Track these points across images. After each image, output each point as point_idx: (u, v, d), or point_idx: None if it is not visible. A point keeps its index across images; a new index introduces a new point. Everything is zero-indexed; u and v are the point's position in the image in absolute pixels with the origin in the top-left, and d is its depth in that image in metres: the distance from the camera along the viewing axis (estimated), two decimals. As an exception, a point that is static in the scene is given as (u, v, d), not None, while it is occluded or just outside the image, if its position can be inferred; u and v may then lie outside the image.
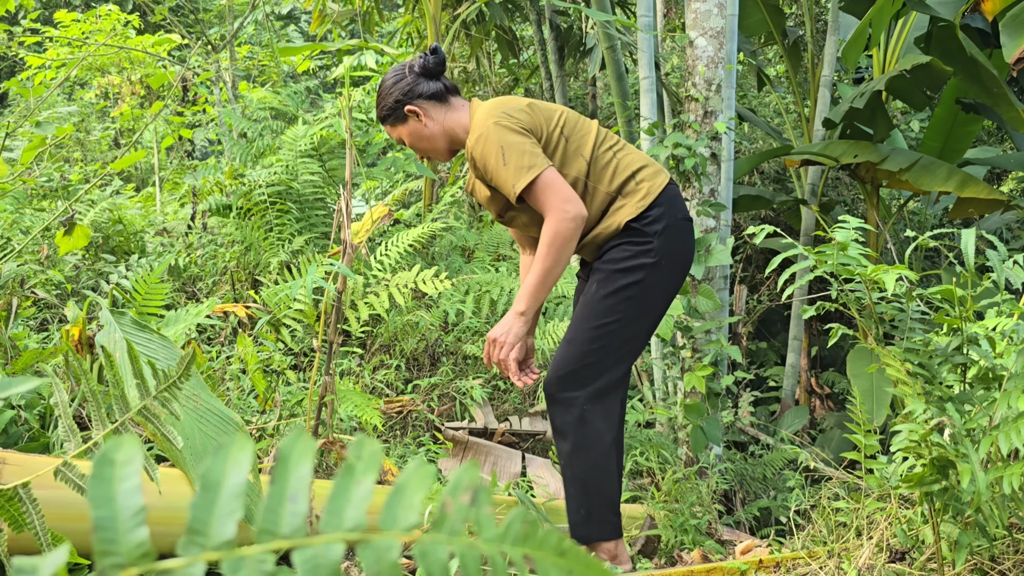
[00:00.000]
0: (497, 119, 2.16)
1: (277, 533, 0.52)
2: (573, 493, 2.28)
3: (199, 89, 6.36)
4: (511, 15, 5.97)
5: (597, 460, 2.23)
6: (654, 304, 2.26)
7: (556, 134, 2.23)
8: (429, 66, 2.27)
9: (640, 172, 2.25)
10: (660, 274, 2.22)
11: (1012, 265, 1.86)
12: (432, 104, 2.27)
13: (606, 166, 2.25)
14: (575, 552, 0.54)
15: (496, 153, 2.13)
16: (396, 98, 2.26)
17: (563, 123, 2.26)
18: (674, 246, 2.24)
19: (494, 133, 2.14)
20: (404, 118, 2.28)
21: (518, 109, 2.19)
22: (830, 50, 5.31)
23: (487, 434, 3.74)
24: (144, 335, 2.23)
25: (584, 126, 2.29)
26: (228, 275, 4.59)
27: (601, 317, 2.21)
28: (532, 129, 2.18)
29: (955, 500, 1.74)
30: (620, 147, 2.31)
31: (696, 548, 2.50)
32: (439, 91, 2.28)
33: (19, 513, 1.46)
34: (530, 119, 2.19)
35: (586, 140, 2.26)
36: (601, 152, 2.27)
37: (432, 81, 2.28)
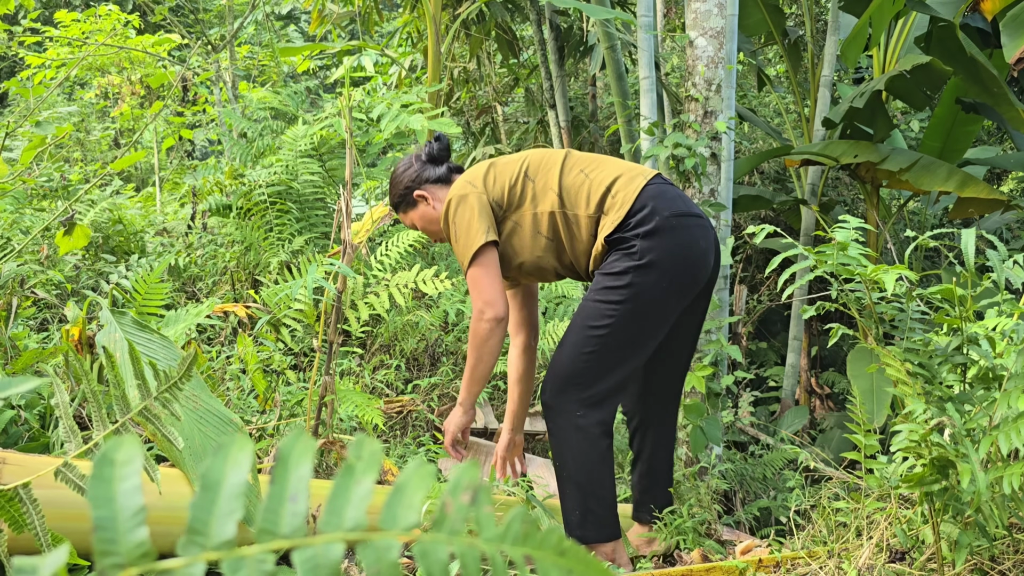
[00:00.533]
0: (458, 191, 2.29)
1: (277, 533, 0.52)
2: (568, 494, 2.29)
3: (199, 89, 6.37)
4: (511, 15, 5.97)
5: (593, 464, 2.24)
6: (650, 307, 2.21)
7: (520, 182, 2.31)
8: (434, 153, 2.43)
9: (614, 184, 2.26)
10: (652, 276, 2.18)
11: (1012, 265, 1.86)
12: (438, 187, 2.41)
13: (579, 190, 2.27)
14: (575, 552, 0.54)
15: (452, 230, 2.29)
16: (406, 185, 2.42)
17: (526, 167, 2.33)
18: (665, 245, 2.19)
19: (452, 207, 2.28)
20: (414, 203, 2.43)
21: (477, 177, 2.31)
22: (830, 50, 5.31)
23: (487, 434, 3.74)
24: (144, 335, 2.23)
25: (549, 160, 2.34)
26: (228, 275, 4.59)
27: (592, 320, 2.22)
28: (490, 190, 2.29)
29: (955, 500, 1.74)
30: (593, 167, 2.32)
31: (696, 548, 2.50)
32: (444, 175, 2.42)
33: (19, 513, 1.46)
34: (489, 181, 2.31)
35: (551, 173, 2.30)
36: (571, 179, 2.29)
37: (438, 167, 2.43)
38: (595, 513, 2.27)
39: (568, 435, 2.24)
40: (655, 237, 2.18)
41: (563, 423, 2.24)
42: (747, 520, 3.36)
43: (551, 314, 4.41)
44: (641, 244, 2.18)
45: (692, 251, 2.24)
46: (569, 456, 2.25)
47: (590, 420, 2.22)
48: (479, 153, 6.29)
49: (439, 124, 4.17)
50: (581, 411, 2.22)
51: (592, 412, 2.22)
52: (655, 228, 2.18)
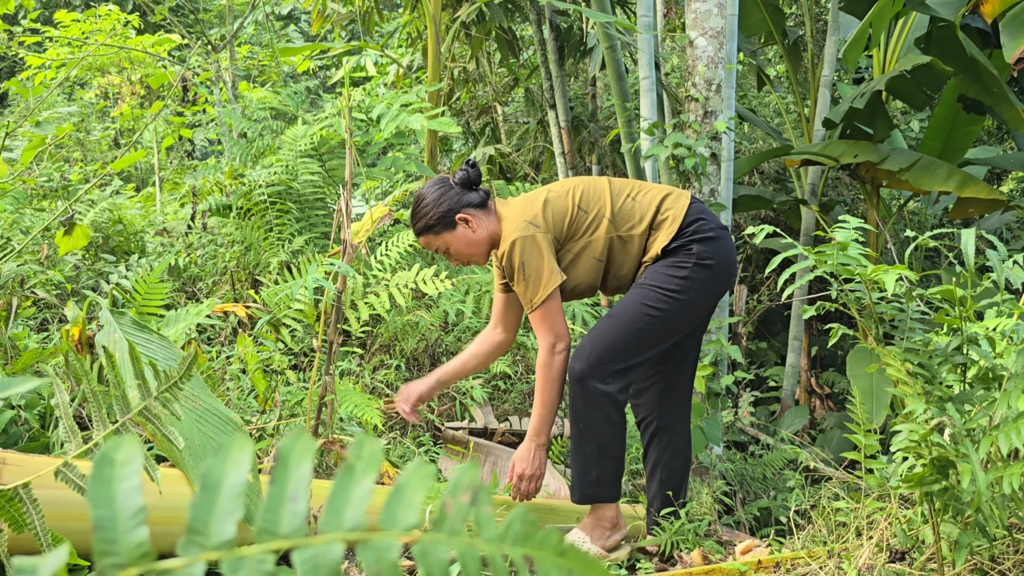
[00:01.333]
0: (521, 231, 2.39)
1: (277, 533, 0.52)
2: (588, 455, 2.43)
3: (199, 89, 6.37)
4: (511, 15, 5.97)
5: (615, 428, 2.41)
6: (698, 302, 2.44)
7: (576, 214, 2.45)
8: (470, 178, 2.48)
9: (663, 203, 2.47)
10: (706, 274, 2.42)
11: (1012, 265, 1.86)
12: (479, 211, 2.47)
13: (631, 213, 2.47)
14: (575, 552, 0.54)
15: (519, 268, 2.39)
16: (448, 207, 2.45)
17: (579, 200, 2.47)
18: (717, 251, 2.44)
19: (518, 248, 2.38)
20: (454, 225, 2.46)
21: (537, 216, 2.42)
22: (830, 50, 5.31)
23: (487, 434, 3.74)
24: (144, 335, 2.23)
25: (597, 190, 2.50)
26: (228, 275, 4.59)
27: (650, 301, 2.40)
28: (552, 227, 2.42)
29: (955, 500, 1.74)
30: (636, 191, 2.52)
31: (696, 548, 2.50)
32: (482, 199, 2.49)
33: (19, 513, 1.46)
34: (549, 219, 2.43)
35: (603, 202, 2.47)
36: (620, 205, 2.48)
37: (474, 191, 2.49)
38: (609, 473, 2.44)
39: (598, 400, 2.38)
40: (710, 243, 2.43)
41: (594, 389, 2.37)
42: (747, 520, 3.36)
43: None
44: (699, 248, 2.41)
45: (732, 259, 2.52)
46: (595, 420, 2.39)
47: (616, 388, 2.39)
48: (479, 153, 6.29)
49: (439, 124, 4.17)
50: (612, 379, 2.38)
51: (619, 382, 2.39)
52: (709, 236, 2.43)
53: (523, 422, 3.89)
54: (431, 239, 2.50)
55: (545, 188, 2.53)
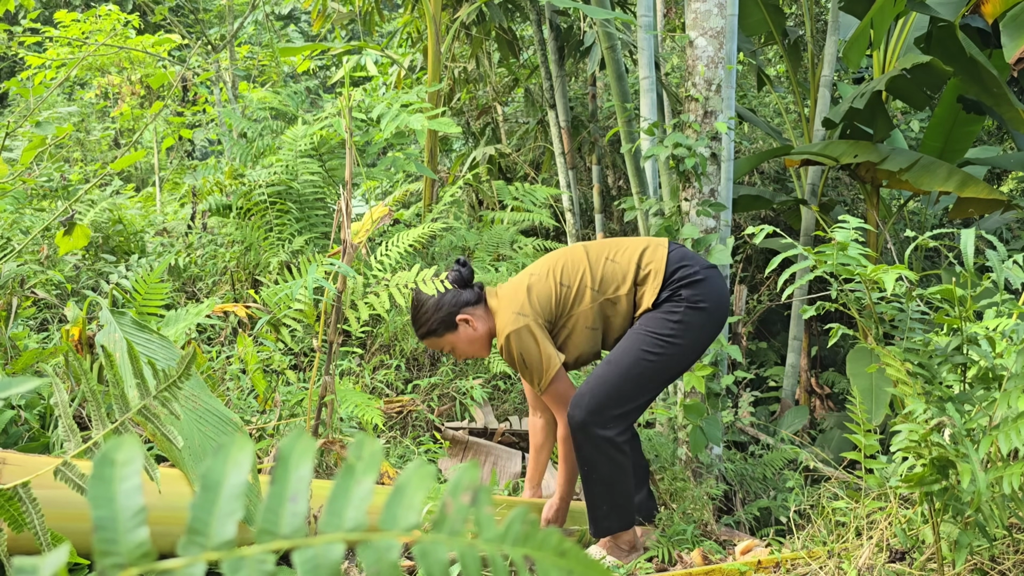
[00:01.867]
0: (513, 324, 2.46)
1: (277, 533, 0.52)
2: (597, 492, 2.50)
3: (199, 89, 6.36)
4: (511, 15, 5.96)
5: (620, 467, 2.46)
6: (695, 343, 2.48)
7: (561, 291, 2.51)
8: (464, 276, 2.58)
9: (642, 258, 2.51)
10: (701, 316, 2.45)
11: (1012, 265, 1.86)
12: (476, 308, 2.57)
13: (612, 277, 2.51)
14: (575, 552, 0.54)
15: (522, 357, 2.47)
16: (447, 311, 2.56)
17: (560, 277, 2.53)
18: (706, 292, 2.47)
19: (513, 341, 2.46)
20: (455, 327, 2.57)
21: (524, 304, 2.48)
22: (830, 50, 5.31)
23: (487, 434, 3.74)
24: (144, 335, 2.23)
25: (575, 262, 2.55)
26: (228, 275, 4.59)
27: (648, 347, 2.44)
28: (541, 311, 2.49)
29: (955, 500, 1.74)
30: (614, 251, 2.56)
31: (696, 548, 2.50)
32: (477, 296, 2.58)
33: (19, 513, 1.46)
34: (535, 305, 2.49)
35: (581, 274, 2.52)
36: (601, 271, 2.53)
37: (469, 289, 2.58)
38: (620, 506, 2.50)
39: (599, 445, 2.43)
40: (698, 285, 2.46)
41: (595, 435, 2.43)
42: (747, 520, 3.36)
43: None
44: (688, 292, 2.45)
45: (724, 296, 2.54)
46: (599, 462, 2.45)
47: (616, 431, 2.44)
48: (479, 153, 6.29)
49: (439, 124, 4.17)
50: (612, 424, 2.43)
51: (619, 426, 2.45)
52: (695, 280, 2.46)
53: (523, 422, 3.89)
54: (435, 341, 2.63)
55: (527, 272, 2.60)
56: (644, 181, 4.12)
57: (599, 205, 5.86)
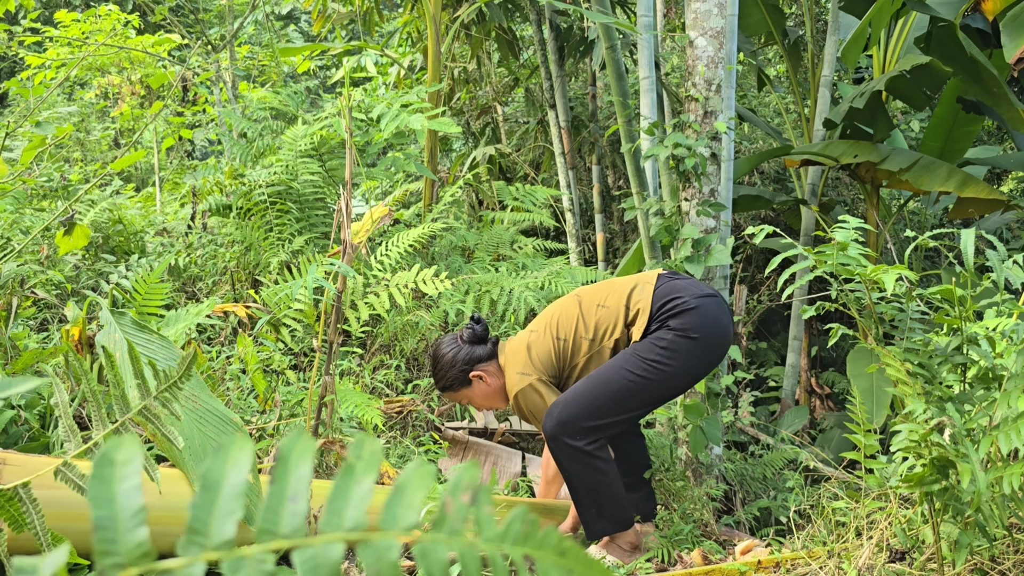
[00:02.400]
0: (518, 385, 2.57)
1: (277, 533, 0.52)
2: (581, 499, 2.52)
3: (199, 89, 6.36)
4: (511, 15, 5.96)
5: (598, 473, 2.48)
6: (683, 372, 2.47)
7: (558, 345, 2.59)
8: (477, 334, 2.67)
9: (630, 299, 2.55)
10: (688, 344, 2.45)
11: (1012, 265, 1.86)
12: (488, 364, 2.66)
13: (606, 322, 2.56)
14: (575, 552, 0.54)
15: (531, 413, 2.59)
16: (461, 368, 2.65)
17: (556, 332, 2.60)
18: (695, 321, 2.45)
19: (521, 400, 2.57)
20: (469, 383, 2.67)
21: (526, 364, 2.58)
22: (830, 50, 5.31)
23: (487, 434, 3.74)
24: (144, 336, 2.23)
25: (568, 313, 2.62)
26: (228, 275, 4.59)
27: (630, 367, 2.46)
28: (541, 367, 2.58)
29: (955, 500, 1.74)
30: (606, 296, 2.60)
31: (696, 548, 2.50)
32: (490, 351, 2.67)
33: (19, 513, 1.46)
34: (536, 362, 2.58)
35: (575, 325, 2.59)
36: (594, 319, 2.58)
37: (483, 345, 2.67)
38: (608, 508, 2.50)
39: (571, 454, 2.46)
40: (686, 315, 2.46)
41: (565, 445, 2.46)
42: (747, 520, 3.36)
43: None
44: (676, 322, 2.46)
45: (717, 325, 2.49)
46: (575, 469, 2.48)
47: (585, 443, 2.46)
48: (479, 153, 6.29)
49: (439, 124, 4.17)
50: (581, 435, 2.45)
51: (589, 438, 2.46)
52: (682, 310, 2.47)
53: (523, 422, 3.89)
54: (452, 395, 2.73)
55: (529, 330, 2.68)
56: (644, 181, 4.12)
57: (599, 205, 5.86)
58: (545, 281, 4.32)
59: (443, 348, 2.69)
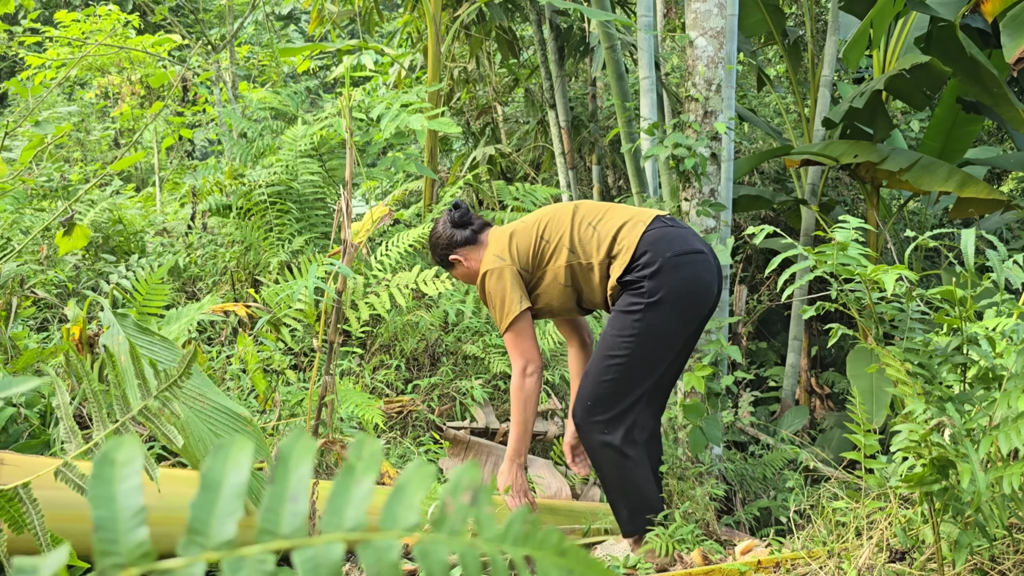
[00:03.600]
0: (490, 265, 2.61)
1: (277, 533, 0.52)
2: (614, 498, 2.61)
3: (199, 89, 6.36)
4: (511, 15, 5.96)
5: (626, 471, 2.55)
6: (660, 338, 2.51)
7: (539, 243, 2.62)
8: (455, 219, 2.72)
9: (619, 232, 2.56)
10: (662, 311, 2.47)
11: (1012, 265, 1.86)
12: (469, 248, 2.72)
13: (589, 242, 2.59)
14: (575, 552, 0.54)
15: (490, 296, 2.61)
16: (441, 251, 2.74)
17: (541, 231, 2.63)
18: (670, 283, 2.47)
19: (487, 281, 2.61)
20: (452, 265, 2.75)
21: (504, 249, 2.62)
22: (830, 50, 5.31)
23: (488, 434, 3.74)
24: (146, 338, 2.23)
25: (560, 219, 2.64)
26: (228, 275, 4.59)
27: (610, 350, 2.52)
28: (518, 259, 2.61)
29: (955, 500, 1.74)
30: (599, 218, 2.62)
31: (696, 548, 2.50)
32: (471, 236, 2.72)
33: (19, 513, 1.46)
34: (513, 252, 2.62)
35: (563, 231, 2.61)
36: (581, 233, 2.60)
37: (463, 229, 2.71)
38: (639, 508, 2.58)
39: (600, 451, 2.54)
40: (660, 276, 2.47)
41: (593, 442, 2.54)
42: (747, 520, 3.36)
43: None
44: (649, 284, 2.47)
45: (697, 284, 2.52)
46: (605, 465, 2.56)
47: (615, 436, 2.51)
48: (479, 153, 6.29)
49: (439, 124, 4.17)
50: (606, 430, 2.51)
51: (615, 429, 2.51)
52: (659, 268, 2.47)
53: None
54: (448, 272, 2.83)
55: (519, 221, 2.72)
56: (644, 181, 4.12)
57: (599, 205, 5.85)
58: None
59: (434, 229, 2.77)
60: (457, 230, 2.72)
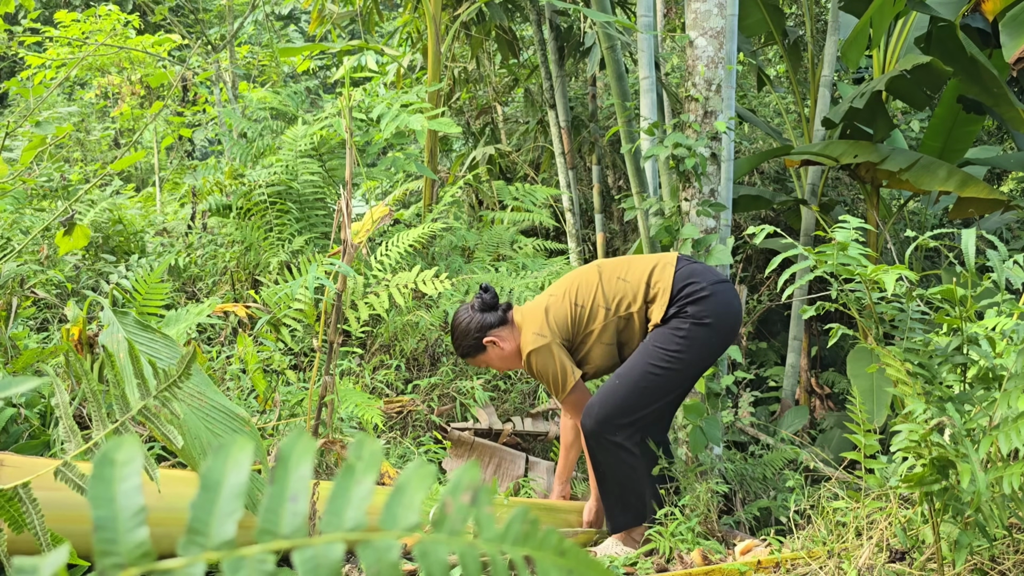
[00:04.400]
0: (533, 344, 2.69)
1: (277, 533, 0.52)
2: (611, 491, 2.71)
3: (199, 89, 6.36)
4: (511, 15, 5.96)
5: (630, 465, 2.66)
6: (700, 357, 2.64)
7: (576, 311, 2.71)
8: (487, 302, 2.80)
9: (651, 277, 2.68)
10: (705, 332, 2.61)
11: (1012, 265, 1.86)
12: (501, 329, 2.80)
13: (624, 295, 2.69)
14: (575, 552, 0.54)
15: (541, 374, 2.72)
16: (475, 335, 2.79)
17: (575, 298, 2.72)
18: (712, 307, 2.61)
19: (534, 360, 2.70)
20: (484, 348, 2.81)
21: (542, 325, 2.71)
22: (830, 50, 5.31)
23: (492, 435, 3.74)
24: (147, 335, 2.23)
25: (588, 282, 2.74)
26: (228, 275, 4.58)
27: (653, 360, 2.62)
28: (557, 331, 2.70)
29: (955, 500, 1.74)
30: (625, 270, 2.73)
31: (696, 548, 2.50)
32: (501, 317, 2.80)
33: (19, 513, 1.46)
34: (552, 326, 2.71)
35: (594, 294, 2.71)
36: (613, 288, 2.70)
37: (492, 312, 2.80)
38: (632, 504, 2.70)
39: (610, 449, 2.64)
40: (703, 303, 2.61)
41: (605, 441, 2.63)
42: (747, 520, 3.36)
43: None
44: (694, 309, 2.60)
45: (730, 310, 2.67)
46: (610, 464, 2.66)
47: (624, 437, 2.63)
48: (479, 153, 6.29)
49: (439, 124, 4.17)
50: (620, 431, 2.62)
51: (627, 432, 2.63)
52: (700, 296, 2.61)
53: (525, 422, 3.89)
54: (472, 360, 2.88)
55: (547, 293, 2.82)
56: (644, 181, 4.12)
57: (599, 205, 5.86)
58: (545, 281, 4.31)
59: (458, 318, 2.84)
60: (487, 314, 2.81)
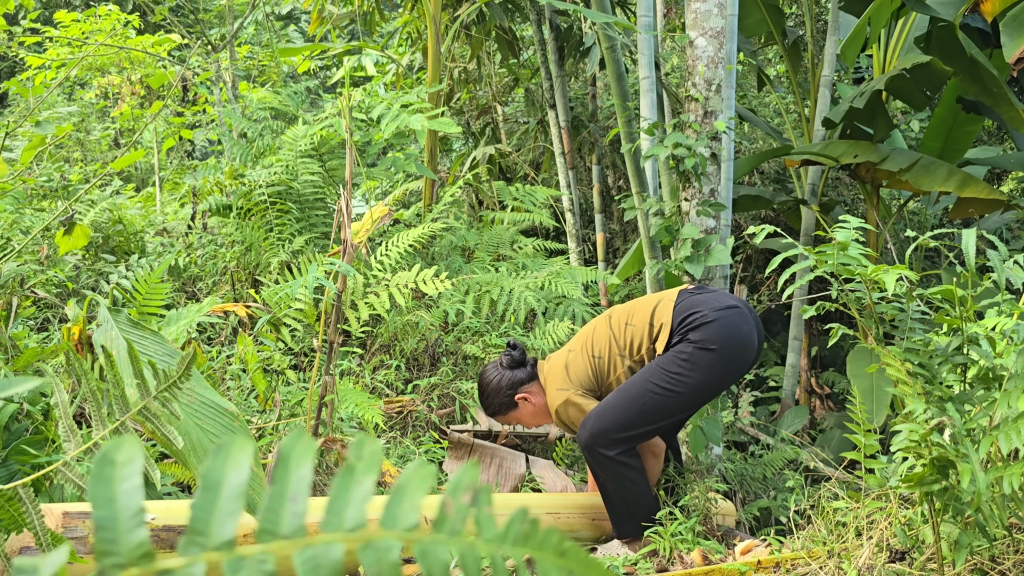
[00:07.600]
0: (557, 400, 2.75)
1: (277, 533, 0.52)
2: (612, 501, 2.72)
3: (199, 89, 6.36)
4: (511, 15, 5.96)
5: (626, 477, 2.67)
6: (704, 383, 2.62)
7: (595, 363, 2.76)
8: (515, 359, 2.85)
9: (654, 316, 2.72)
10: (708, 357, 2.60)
11: (1012, 265, 1.86)
12: (531, 384, 2.85)
13: (634, 340, 2.73)
14: (575, 552, 0.54)
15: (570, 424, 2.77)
16: (506, 393, 2.84)
17: (592, 350, 2.76)
18: (715, 333, 2.60)
19: (562, 414, 2.76)
20: (516, 405, 2.85)
21: (564, 380, 2.77)
22: (830, 50, 5.31)
23: (490, 436, 3.74)
24: (138, 332, 2.23)
25: (600, 332, 2.79)
26: (228, 275, 4.58)
27: (656, 380, 2.63)
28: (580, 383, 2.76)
29: (955, 500, 1.74)
30: (632, 315, 2.77)
31: (696, 548, 2.50)
32: (531, 373, 2.86)
33: (19, 513, 1.46)
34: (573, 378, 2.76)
35: (609, 344, 2.76)
36: (623, 335, 2.74)
37: (522, 368, 2.85)
38: (636, 512, 2.71)
39: (604, 462, 2.65)
40: (705, 329, 2.60)
41: (599, 455, 2.65)
42: (747, 520, 3.36)
43: (551, 314, 4.40)
44: (695, 335, 2.61)
45: (738, 335, 2.63)
46: (608, 477, 2.67)
47: (617, 452, 2.64)
48: (479, 153, 6.29)
49: (439, 124, 4.17)
50: (613, 446, 2.63)
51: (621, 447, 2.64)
52: (700, 324, 2.61)
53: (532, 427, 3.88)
54: (503, 417, 2.92)
55: (565, 350, 2.86)
56: (644, 181, 4.12)
57: (599, 205, 5.86)
58: (545, 281, 4.31)
59: (487, 377, 2.88)
60: (516, 371, 2.85)
